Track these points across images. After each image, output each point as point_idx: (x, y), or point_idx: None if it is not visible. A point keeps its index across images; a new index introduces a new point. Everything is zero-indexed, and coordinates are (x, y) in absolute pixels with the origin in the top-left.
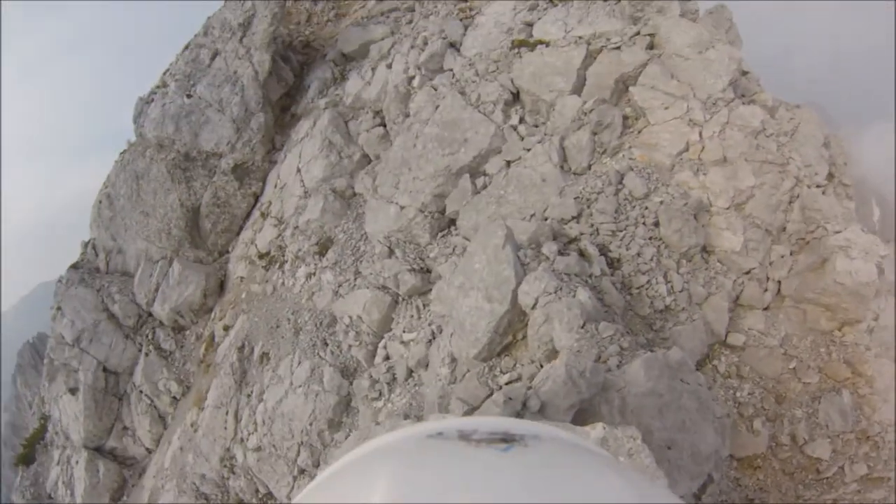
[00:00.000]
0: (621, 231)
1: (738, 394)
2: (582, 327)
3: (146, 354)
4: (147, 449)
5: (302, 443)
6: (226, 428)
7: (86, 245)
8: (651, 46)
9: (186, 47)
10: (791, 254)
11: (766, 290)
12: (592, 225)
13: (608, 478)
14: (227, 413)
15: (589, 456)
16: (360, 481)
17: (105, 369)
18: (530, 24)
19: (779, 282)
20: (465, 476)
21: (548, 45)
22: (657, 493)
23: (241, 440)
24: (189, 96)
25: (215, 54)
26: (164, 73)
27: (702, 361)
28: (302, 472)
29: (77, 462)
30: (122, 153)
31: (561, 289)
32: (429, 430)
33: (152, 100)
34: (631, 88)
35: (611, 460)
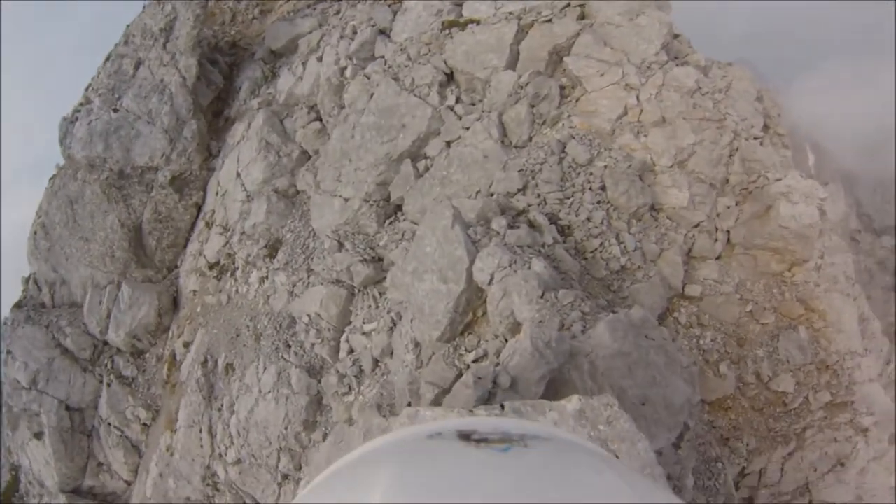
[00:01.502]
0: (569, 198)
1: (701, 342)
2: (541, 297)
3: (108, 385)
4: (126, 481)
5: (281, 448)
6: (202, 446)
7: (27, 280)
8: (582, 17)
9: (107, 59)
10: (736, 204)
11: (716, 240)
12: (539, 195)
13: (608, 478)
14: (200, 431)
15: (589, 456)
16: (360, 481)
17: (68, 408)
18: (459, 4)
19: (728, 231)
20: (465, 476)
21: (478, 23)
22: (657, 493)
23: (220, 455)
24: (116, 110)
25: (139, 63)
26: (87, 89)
27: (663, 315)
28: (285, 477)
29: None
30: (51, 179)
31: (515, 262)
32: (428, 431)
33: (77, 118)
34: (565, 59)
35: (610, 460)
